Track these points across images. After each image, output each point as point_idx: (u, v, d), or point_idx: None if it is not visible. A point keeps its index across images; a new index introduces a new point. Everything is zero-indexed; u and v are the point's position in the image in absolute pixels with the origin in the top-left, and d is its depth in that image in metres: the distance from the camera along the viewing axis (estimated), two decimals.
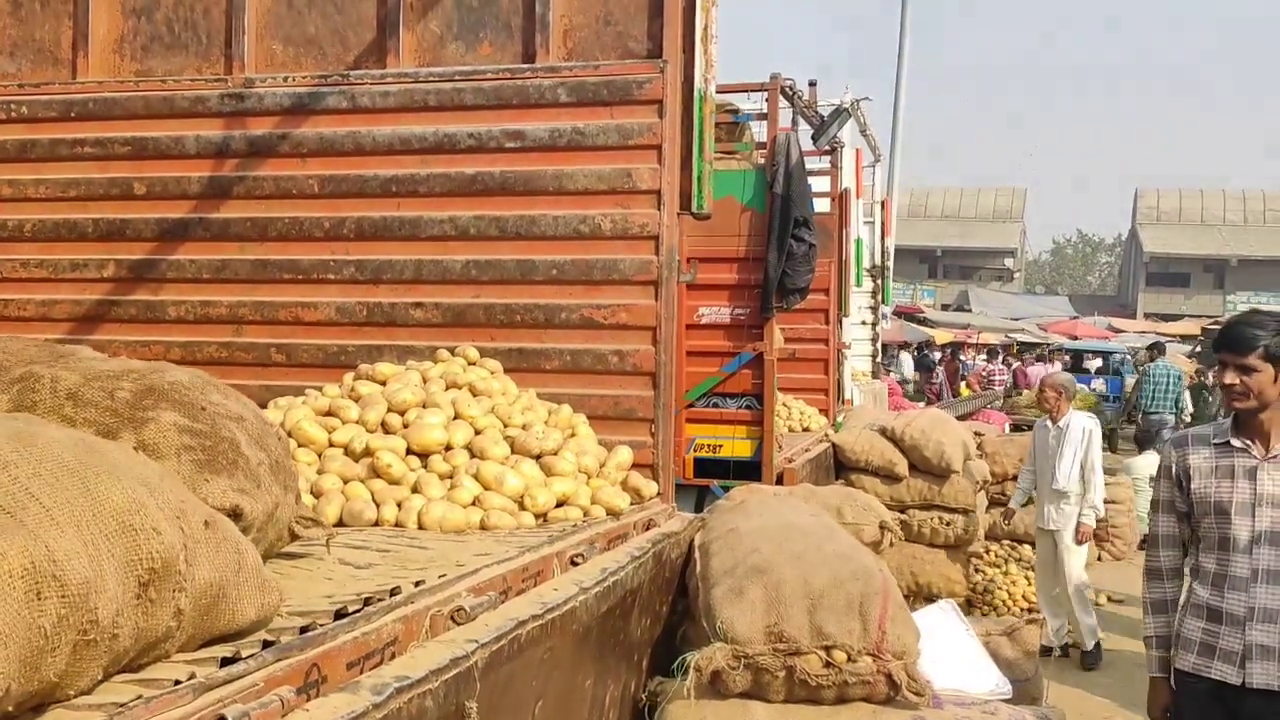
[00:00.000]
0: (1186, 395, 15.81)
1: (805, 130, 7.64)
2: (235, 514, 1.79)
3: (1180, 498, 2.99)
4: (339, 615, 1.80)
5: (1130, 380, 18.45)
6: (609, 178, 3.66)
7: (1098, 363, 22.09)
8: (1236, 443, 2.89)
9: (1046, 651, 6.09)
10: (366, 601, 1.91)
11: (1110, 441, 16.14)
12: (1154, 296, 45.42)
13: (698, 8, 3.60)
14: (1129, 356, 22.96)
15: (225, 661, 1.52)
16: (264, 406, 3.39)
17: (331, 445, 3.16)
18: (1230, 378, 2.85)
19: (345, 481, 3.01)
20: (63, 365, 1.90)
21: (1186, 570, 3.06)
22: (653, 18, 3.67)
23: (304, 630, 1.71)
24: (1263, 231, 45.07)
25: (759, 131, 7.23)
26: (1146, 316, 40.87)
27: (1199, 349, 23.86)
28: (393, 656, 1.85)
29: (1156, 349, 17.55)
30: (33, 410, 1.82)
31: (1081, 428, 6.62)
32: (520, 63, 3.78)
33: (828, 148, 8.16)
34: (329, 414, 3.29)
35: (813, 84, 7.67)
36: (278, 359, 3.96)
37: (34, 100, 4.18)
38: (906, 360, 20.82)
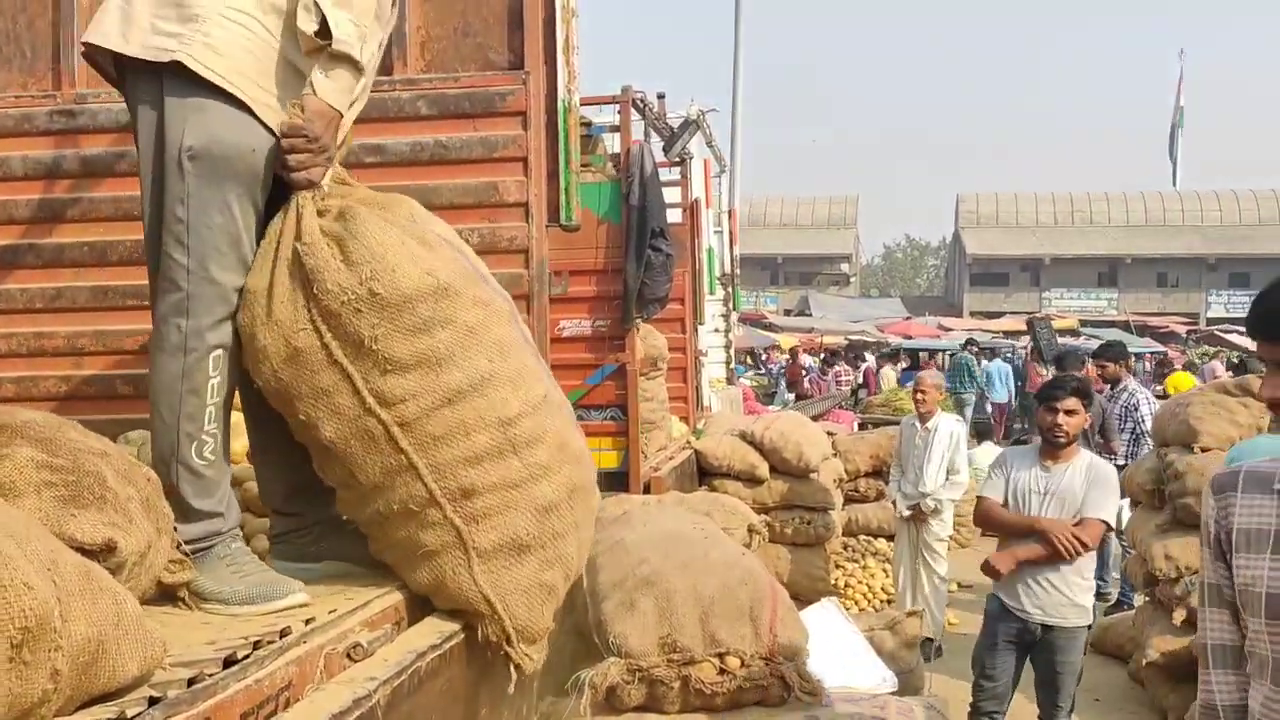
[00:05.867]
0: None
1: (656, 143, 7.71)
2: (109, 548, 1.64)
3: (1226, 579, 1.90)
4: (228, 663, 1.68)
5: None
6: (475, 191, 3.58)
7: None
8: None
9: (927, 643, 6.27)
10: (255, 645, 1.79)
11: None
12: (978, 296, 47.97)
13: (558, 19, 3.57)
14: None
15: None
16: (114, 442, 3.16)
17: None
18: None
19: None
20: None
21: None
22: (513, 29, 3.61)
23: (191, 682, 1.59)
24: (1072, 231, 48.26)
25: (611, 144, 7.26)
26: (972, 315, 43.08)
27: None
28: (288, 703, 1.74)
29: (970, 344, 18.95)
30: None
31: (949, 432, 6.82)
32: (377, 75, 3.66)
33: (678, 159, 8.26)
34: None
35: (661, 97, 7.76)
36: (125, 391, 3.70)
37: None
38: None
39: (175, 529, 2.07)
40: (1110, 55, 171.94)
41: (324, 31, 2.21)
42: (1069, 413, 4.50)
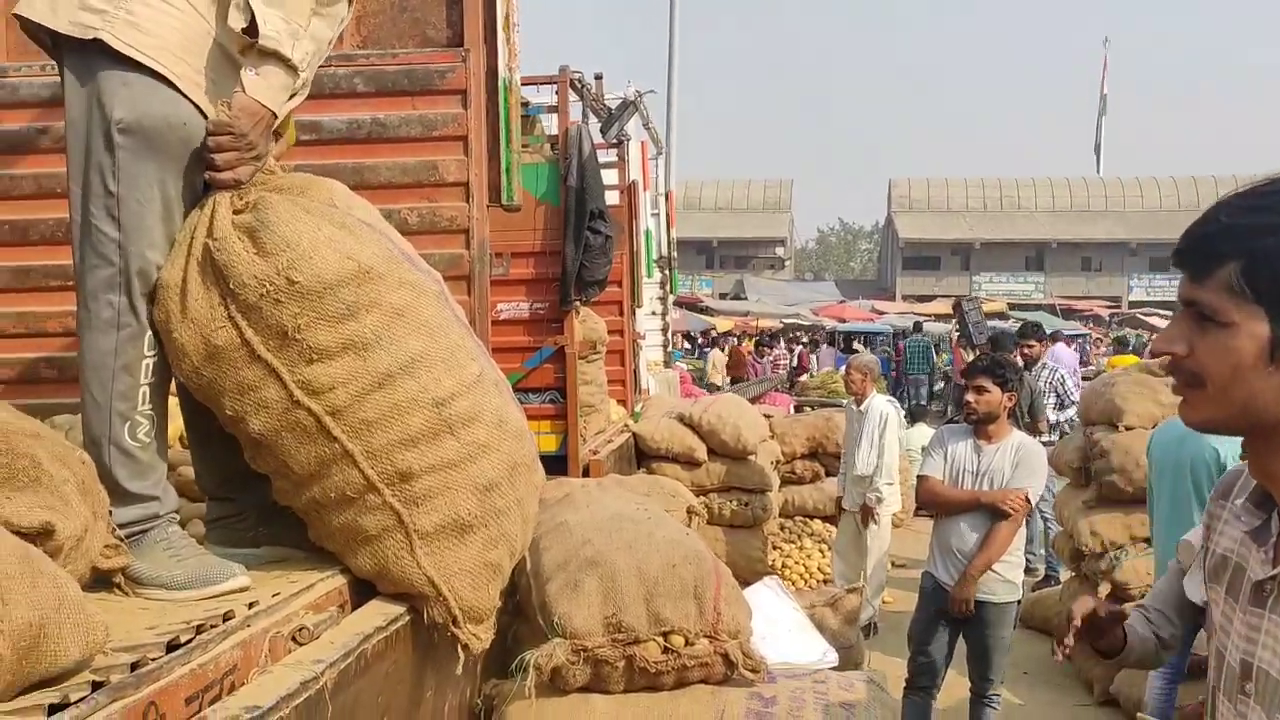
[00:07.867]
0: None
1: (594, 124, 7.67)
2: (46, 532, 1.60)
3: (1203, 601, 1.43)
4: (171, 647, 1.65)
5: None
6: (414, 170, 3.54)
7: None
8: (1249, 515, 1.27)
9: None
10: (199, 629, 1.76)
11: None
12: (910, 279, 48.73)
13: None
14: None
15: (53, 709, 1.36)
16: None
17: None
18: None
19: None
20: None
21: None
22: (451, 5, 3.57)
23: (135, 667, 1.56)
24: (1000, 216, 49.22)
25: (549, 125, 7.20)
26: (905, 298, 43.75)
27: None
28: (233, 686, 1.71)
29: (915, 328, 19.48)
30: None
31: (880, 412, 6.91)
32: None
33: (615, 141, 8.23)
34: None
35: (599, 77, 7.72)
36: (48, 375, 3.60)
37: None
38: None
39: (110, 513, 2.02)
40: (1041, 42, 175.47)
41: (253, 28, 2.16)
42: (978, 389, 4.61)
